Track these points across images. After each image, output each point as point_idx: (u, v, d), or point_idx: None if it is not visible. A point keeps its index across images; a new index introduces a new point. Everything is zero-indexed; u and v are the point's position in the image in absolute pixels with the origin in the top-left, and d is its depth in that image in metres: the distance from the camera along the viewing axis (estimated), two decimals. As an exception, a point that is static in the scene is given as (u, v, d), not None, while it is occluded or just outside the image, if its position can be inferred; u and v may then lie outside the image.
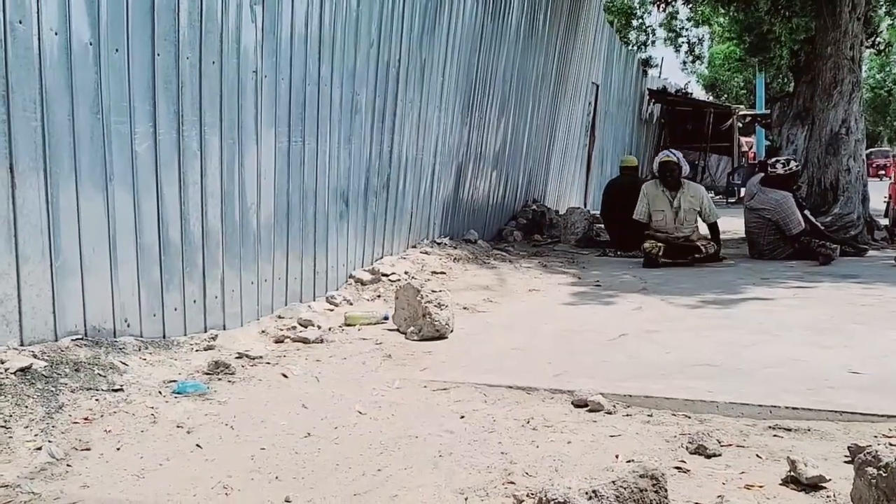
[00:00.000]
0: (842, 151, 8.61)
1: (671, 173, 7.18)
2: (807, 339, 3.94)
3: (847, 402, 2.87)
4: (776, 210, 7.26)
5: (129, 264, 3.48)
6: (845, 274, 6.26)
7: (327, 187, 5.03)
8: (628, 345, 3.91)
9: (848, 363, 3.41)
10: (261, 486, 2.25)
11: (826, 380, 3.17)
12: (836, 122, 8.65)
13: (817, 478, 2.15)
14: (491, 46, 7.88)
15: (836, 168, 8.65)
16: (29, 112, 2.96)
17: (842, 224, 8.29)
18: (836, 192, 8.60)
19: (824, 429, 2.66)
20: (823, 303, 5.01)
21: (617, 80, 14.91)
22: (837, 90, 8.64)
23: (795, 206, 7.26)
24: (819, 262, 6.83)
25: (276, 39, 4.36)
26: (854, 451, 2.28)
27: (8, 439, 2.46)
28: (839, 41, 8.57)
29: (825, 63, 8.74)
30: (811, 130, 9.06)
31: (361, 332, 4.29)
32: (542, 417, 2.82)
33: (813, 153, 8.91)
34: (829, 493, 2.12)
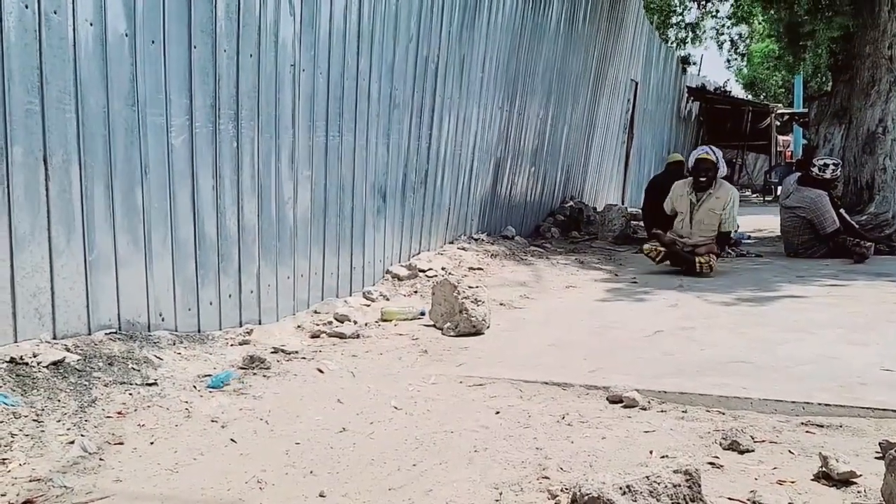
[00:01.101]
0: (878, 150, 8.56)
1: (706, 173, 6.31)
2: (840, 337, 3.94)
3: (879, 399, 2.88)
4: (811, 208, 7.22)
5: (164, 258, 3.47)
6: (880, 272, 6.24)
7: (365, 182, 4.99)
8: (663, 341, 3.90)
9: (881, 361, 3.42)
10: (295, 480, 2.23)
11: (859, 377, 3.17)
12: (872, 122, 8.61)
13: (848, 473, 2.17)
14: (531, 42, 7.79)
15: (872, 167, 8.61)
16: (64, 103, 2.96)
17: (877, 223, 8.24)
18: (871, 191, 8.58)
19: (856, 425, 2.67)
20: (857, 301, 4.99)
21: (656, 77, 14.69)
22: (875, 89, 8.60)
23: (830, 205, 7.21)
24: (854, 260, 6.83)
25: (314, 33, 4.33)
26: (885, 447, 2.29)
27: (40, 433, 2.45)
28: (878, 40, 8.53)
29: (863, 62, 8.72)
30: (848, 129, 9.10)
31: (397, 328, 4.25)
32: (577, 413, 2.81)
33: (849, 152, 8.90)
34: (860, 489, 2.13)
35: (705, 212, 6.28)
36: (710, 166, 6.27)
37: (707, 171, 6.28)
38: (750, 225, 10.38)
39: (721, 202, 6.28)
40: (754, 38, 26.07)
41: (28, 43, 2.80)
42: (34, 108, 2.85)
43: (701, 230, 6.30)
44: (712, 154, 6.33)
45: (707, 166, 6.28)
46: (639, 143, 13.74)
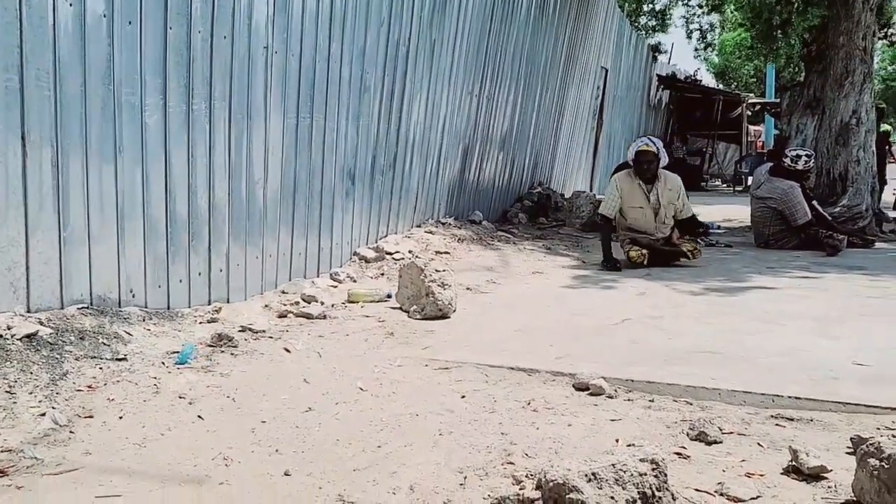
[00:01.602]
0: (852, 142, 8.54)
1: (648, 165, 6.06)
2: (812, 329, 3.92)
3: (851, 393, 2.85)
4: (782, 199, 7.22)
5: (136, 236, 3.50)
6: (852, 265, 6.23)
7: (334, 165, 5.03)
8: (631, 330, 3.91)
9: (852, 354, 3.39)
10: (261, 458, 2.27)
11: (830, 370, 3.15)
12: (846, 113, 8.57)
13: (819, 468, 2.14)
14: (501, 27, 7.83)
15: (845, 159, 8.57)
16: (42, 82, 2.97)
17: (850, 215, 8.23)
18: (844, 183, 8.53)
19: (827, 419, 2.65)
20: (829, 293, 4.99)
21: (626, 64, 14.81)
22: (849, 80, 8.55)
23: (802, 196, 7.20)
24: (826, 252, 6.79)
25: (287, 16, 4.35)
26: (856, 442, 2.27)
27: (12, 405, 2.49)
28: (851, 31, 8.49)
29: (837, 53, 8.65)
30: (821, 120, 8.96)
31: (364, 310, 4.31)
32: (542, 400, 2.82)
33: (822, 143, 8.83)
34: (831, 484, 2.11)
35: (665, 202, 6.13)
36: (651, 158, 6.03)
37: (650, 163, 6.05)
38: (719, 215, 10.50)
39: (674, 192, 6.17)
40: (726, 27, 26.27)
41: (9, 21, 2.81)
42: (13, 85, 2.86)
43: (665, 223, 6.17)
44: (653, 145, 6.08)
45: (649, 158, 6.04)
46: (608, 130, 13.88)
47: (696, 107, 20.13)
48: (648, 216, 6.14)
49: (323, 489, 2.07)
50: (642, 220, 6.16)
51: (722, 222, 9.69)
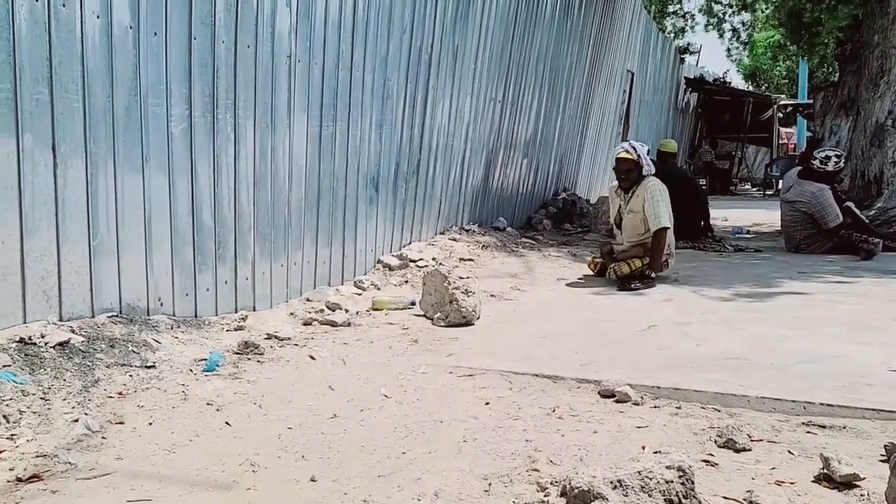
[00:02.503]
0: (887, 143, 8.27)
1: (626, 175, 5.53)
2: (844, 335, 3.82)
3: (885, 400, 2.78)
4: (812, 202, 7.06)
5: (164, 245, 3.55)
6: (888, 270, 6.06)
7: (357, 172, 5.06)
8: (658, 336, 3.87)
9: (887, 361, 3.31)
10: (287, 464, 2.29)
11: (863, 377, 3.08)
12: (882, 113, 8.30)
13: (851, 476, 2.10)
14: (524, 33, 7.83)
15: (880, 161, 8.31)
16: (71, 94, 3.03)
17: (885, 218, 7.97)
18: (880, 186, 8.29)
19: (860, 427, 2.59)
20: (863, 298, 4.87)
21: (653, 67, 14.72)
22: (884, 80, 8.30)
23: (833, 198, 7.03)
24: (860, 256, 6.63)
25: (310, 24, 4.39)
26: (890, 449, 2.24)
27: (47, 411, 2.54)
28: (887, 29, 8.23)
29: (871, 52, 8.41)
30: (856, 121, 8.73)
31: (388, 317, 4.32)
32: (567, 407, 2.81)
33: (857, 145, 8.59)
34: (864, 492, 2.07)
35: (629, 215, 5.62)
36: (630, 166, 5.50)
37: (628, 172, 5.52)
38: (748, 219, 10.38)
39: (640, 200, 5.54)
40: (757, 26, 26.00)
41: (38, 35, 2.88)
42: (44, 97, 2.92)
43: (629, 236, 5.65)
44: (632, 152, 5.53)
45: (627, 166, 5.51)
46: (634, 134, 13.78)
47: (725, 109, 19.95)
48: (616, 229, 5.83)
49: (348, 495, 2.08)
50: (616, 232, 5.86)
51: (751, 227, 9.56)
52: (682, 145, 19.19)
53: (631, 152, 5.52)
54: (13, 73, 2.80)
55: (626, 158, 5.52)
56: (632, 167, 5.50)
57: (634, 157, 5.50)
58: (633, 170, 5.50)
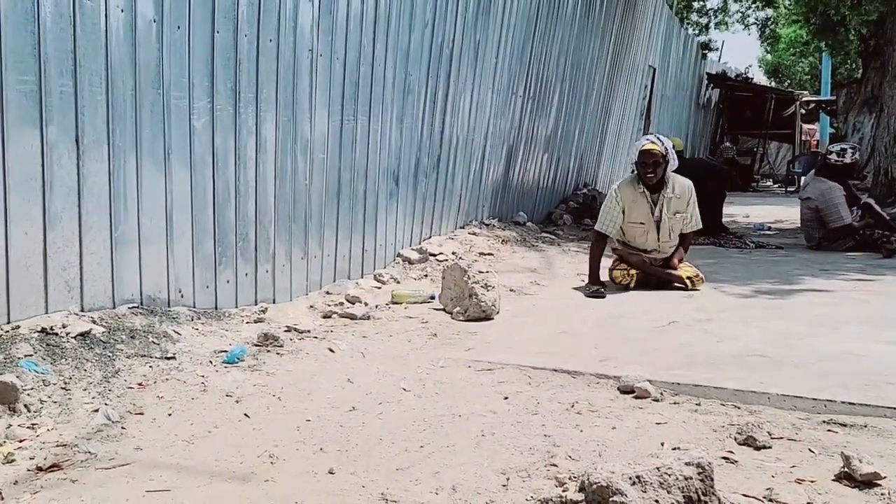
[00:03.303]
0: None
1: (654, 169, 4.95)
2: (866, 334, 3.77)
3: None
4: (820, 200, 7.02)
5: (185, 237, 3.57)
6: None
7: (378, 166, 5.06)
8: (678, 332, 3.84)
9: None
10: (306, 456, 2.30)
11: (885, 375, 3.03)
12: None
13: (872, 475, 2.07)
14: (546, 28, 7.79)
15: None
16: (95, 86, 3.05)
17: None
18: None
19: (882, 425, 2.56)
20: (885, 297, 4.81)
21: (674, 63, 14.61)
22: None
23: (841, 197, 6.96)
24: (882, 254, 6.56)
25: (332, 19, 4.39)
26: None
27: (67, 400, 2.57)
28: None
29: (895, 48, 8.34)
30: (879, 118, 8.65)
31: (407, 311, 4.33)
32: (586, 402, 2.79)
33: (880, 142, 8.52)
34: (885, 491, 2.04)
35: (672, 219, 5.08)
36: (658, 159, 4.94)
37: (656, 166, 4.95)
38: (770, 216, 10.29)
39: (684, 201, 5.10)
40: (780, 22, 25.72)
41: (63, 28, 2.90)
42: (68, 90, 2.95)
43: (670, 240, 5.13)
44: (659, 143, 4.98)
45: (655, 158, 4.94)
46: (656, 129, 13.68)
47: (747, 105, 19.74)
48: (651, 234, 5.10)
49: (366, 488, 2.08)
50: (642, 237, 5.12)
51: (773, 223, 9.47)
52: (704, 141, 19.03)
53: (658, 144, 4.98)
54: (38, 65, 2.82)
55: (653, 151, 4.94)
56: (660, 160, 4.94)
57: (662, 149, 4.95)
58: (661, 164, 4.95)
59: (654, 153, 4.93)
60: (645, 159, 4.97)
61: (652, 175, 4.97)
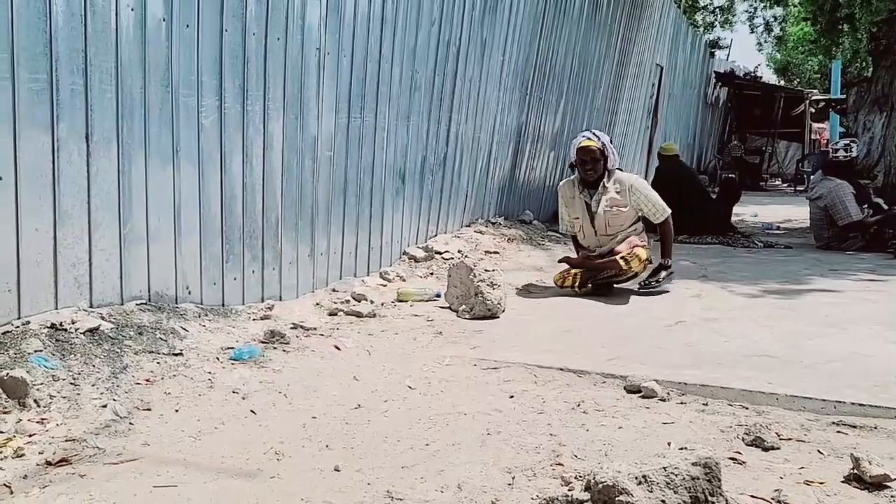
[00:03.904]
0: None
1: (593, 165, 4.83)
2: (877, 334, 3.76)
3: None
4: (829, 197, 7.01)
5: (193, 234, 3.59)
6: None
7: (384, 164, 5.07)
8: (685, 332, 3.84)
9: None
10: (311, 453, 2.31)
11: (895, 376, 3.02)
12: None
13: (882, 476, 2.07)
14: (553, 26, 7.78)
15: None
16: (105, 84, 3.06)
17: None
18: None
19: (892, 427, 2.55)
20: (895, 297, 4.79)
21: (682, 61, 14.57)
22: None
23: (850, 195, 6.95)
24: (891, 254, 6.54)
25: (339, 17, 4.40)
26: None
27: (76, 396, 2.58)
28: None
29: None
30: (889, 117, 8.59)
31: (413, 309, 4.33)
32: (593, 401, 2.79)
33: (891, 141, 8.47)
34: (894, 493, 2.04)
35: (608, 212, 4.91)
36: (595, 155, 4.81)
37: (594, 163, 4.83)
38: (779, 216, 10.26)
39: (624, 193, 4.91)
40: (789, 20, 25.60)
41: (75, 27, 2.91)
42: (78, 88, 2.96)
43: (611, 234, 4.95)
44: (596, 139, 4.85)
45: (592, 155, 4.82)
46: (663, 129, 13.67)
47: (755, 104, 19.64)
48: (586, 227, 5.00)
49: (372, 485, 2.09)
50: (581, 233, 5.08)
51: (781, 223, 9.45)
52: (712, 140, 18.96)
53: (594, 139, 4.84)
54: (49, 64, 2.84)
55: (591, 147, 4.81)
56: (598, 156, 4.82)
57: (599, 144, 4.82)
58: (600, 160, 4.84)
59: (592, 150, 4.83)
60: (583, 156, 4.87)
61: (591, 171, 4.86)
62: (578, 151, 4.88)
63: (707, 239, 7.71)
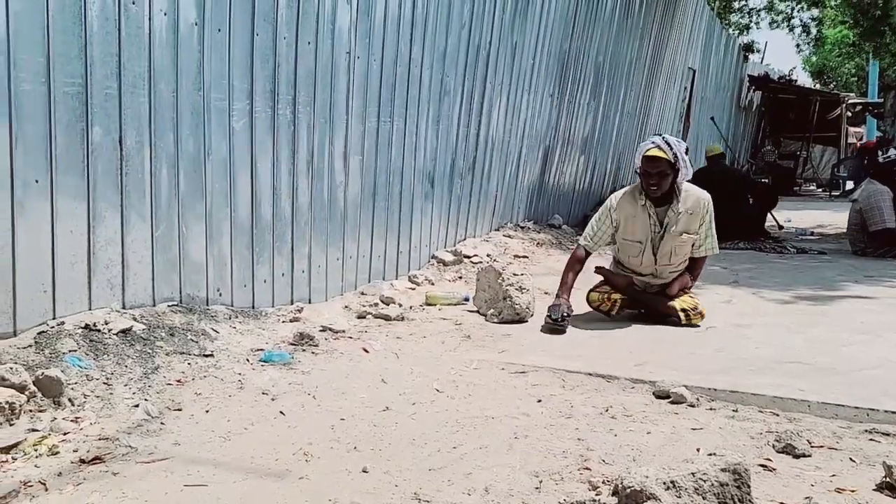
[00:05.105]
0: None
1: (658, 180, 4.03)
2: (912, 342, 3.71)
3: None
4: (864, 202, 6.88)
5: (223, 237, 3.63)
6: None
7: (414, 168, 5.08)
8: (715, 338, 3.80)
9: None
10: (339, 454, 2.32)
11: None
12: None
13: (915, 485, 2.02)
14: (584, 29, 7.74)
15: None
16: (138, 88, 3.12)
17: None
18: None
19: (926, 436, 2.52)
20: (933, 305, 4.68)
21: (715, 65, 14.39)
22: None
23: (889, 201, 6.78)
24: None
25: (369, 20, 4.42)
26: None
27: (109, 395, 2.63)
28: None
29: None
30: (928, 122, 8.45)
31: (441, 312, 4.34)
32: (621, 406, 2.78)
33: (929, 146, 8.33)
34: (927, 503, 2.00)
35: (677, 238, 4.12)
36: (664, 168, 4.00)
37: (660, 177, 4.02)
38: (812, 221, 10.10)
39: (697, 218, 4.13)
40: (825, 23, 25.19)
41: (109, 31, 2.97)
42: (112, 91, 3.02)
43: (672, 264, 4.20)
44: (667, 148, 4.00)
45: (660, 168, 4.00)
46: (695, 132, 13.52)
47: (790, 108, 19.33)
48: (647, 254, 4.19)
49: (399, 487, 2.09)
50: (637, 258, 4.23)
51: (815, 228, 9.29)
52: (745, 144, 18.70)
53: (665, 149, 4.00)
54: (84, 68, 2.89)
55: (658, 157, 3.99)
56: (666, 170, 4.01)
57: (669, 156, 3.99)
58: (668, 174, 4.02)
59: (660, 161, 3.99)
60: (648, 168, 4.03)
61: (656, 187, 4.04)
62: (644, 161, 4.05)
63: (739, 244, 7.60)
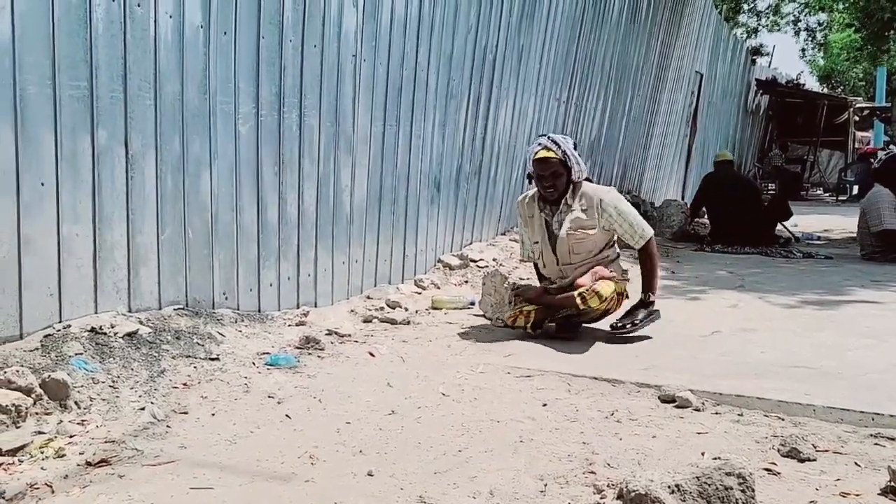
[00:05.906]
0: None
1: (553, 181, 3.83)
2: (919, 347, 3.70)
3: None
4: (866, 203, 6.89)
5: (229, 240, 3.64)
6: None
7: (419, 172, 5.09)
8: (721, 342, 3.79)
9: None
10: (345, 458, 2.31)
11: None
12: None
13: (919, 489, 2.00)
14: (591, 33, 7.74)
15: None
16: (144, 92, 3.13)
17: None
18: None
19: (931, 440, 2.51)
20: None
21: (722, 69, 14.37)
22: None
23: (889, 203, 6.77)
24: None
25: (375, 24, 4.43)
26: None
27: (115, 398, 2.63)
28: None
29: None
30: (935, 126, 8.43)
31: (447, 317, 4.33)
32: (626, 410, 2.77)
33: (937, 150, 8.29)
34: (932, 507, 2.00)
35: (572, 236, 3.87)
36: (556, 168, 3.80)
37: (554, 177, 3.82)
38: (819, 226, 10.09)
39: (592, 214, 3.86)
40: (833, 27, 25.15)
41: (114, 34, 2.98)
42: (118, 95, 3.03)
43: (574, 263, 3.92)
44: (555, 148, 3.80)
45: (552, 169, 3.80)
46: (702, 137, 13.50)
47: (797, 112, 19.30)
48: (546, 254, 3.99)
49: (405, 490, 2.09)
50: (541, 261, 4.05)
51: (821, 233, 9.25)
52: (752, 149, 18.66)
53: (553, 148, 3.80)
54: (90, 71, 2.91)
55: (548, 158, 3.79)
56: (558, 169, 3.80)
57: (559, 154, 3.79)
58: (562, 173, 3.82)
59: (550, 161, 3.79)
60: (540, 170, 3.83)
61: (552, 189, 3.84)
62: (535, 164, 3.85)
63: (745, 249, 7.58)
